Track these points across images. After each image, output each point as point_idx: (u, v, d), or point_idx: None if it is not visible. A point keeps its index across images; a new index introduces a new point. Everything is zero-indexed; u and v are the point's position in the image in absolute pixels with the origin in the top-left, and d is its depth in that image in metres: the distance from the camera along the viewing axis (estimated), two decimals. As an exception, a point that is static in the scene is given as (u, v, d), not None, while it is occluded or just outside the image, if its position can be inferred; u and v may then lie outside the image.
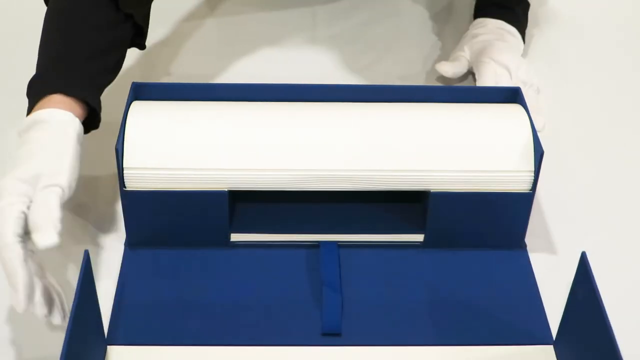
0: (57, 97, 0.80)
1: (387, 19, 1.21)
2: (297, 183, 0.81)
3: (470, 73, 1.04)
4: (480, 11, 1.12)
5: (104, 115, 1.01)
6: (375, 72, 1.11)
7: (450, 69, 1.05)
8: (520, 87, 0.90)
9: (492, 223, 0.85)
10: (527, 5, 1.13)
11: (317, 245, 0.85)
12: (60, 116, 0.80)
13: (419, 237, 0.87)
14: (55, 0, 0.88)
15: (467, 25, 1.14)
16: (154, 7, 0.94)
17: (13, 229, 0.72)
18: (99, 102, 0.85)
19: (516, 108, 0.87)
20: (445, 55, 1.13)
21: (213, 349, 0.76)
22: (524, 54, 1.10)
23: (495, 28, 1.08)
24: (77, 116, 0.81)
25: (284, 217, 0.88)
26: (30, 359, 0.76)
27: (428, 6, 1.24)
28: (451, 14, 1.23)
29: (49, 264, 0.84)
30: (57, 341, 0.66)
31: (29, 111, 0.82)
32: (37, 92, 0.82)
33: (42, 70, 0.84)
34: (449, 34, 1.18)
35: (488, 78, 0.99)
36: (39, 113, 0.79)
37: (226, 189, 0.81)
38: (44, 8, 0.90)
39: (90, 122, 0.84)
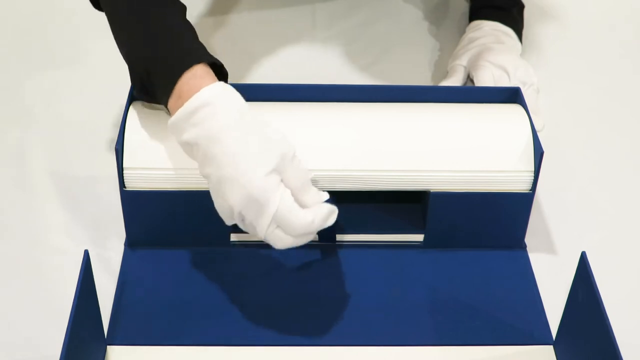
0: (195, 72, 0.75)
1: (386, 18, 1.21)
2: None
3: (470, 80, 1.04)
4: (476, 13, 1.12)
5: (104, 115, 1.01)
6: (375, 72, 1.11)
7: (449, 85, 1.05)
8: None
9: (492, 223, 0.85)
10: (523, 7, 1.13)
11: (317, 245, 0.85)
12: (222, 90, 0.75)
13: (419, 237, 0.87)
14: None
15: (465, 23, 1.14)
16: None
17: (299, 209, 0.72)
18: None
19: (516, 108, 0.87)
20: (445, 55, 1.13)
21: (213, 349, 0.76)
22: (521, 54, 1.10)
23: (491, 30, 1.08)
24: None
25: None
26: (30, 359, 0.76)
27: (426, 5, 1.24)
28: (450, 12, 1.23)
29: (49, 263, 0.84)
30: (57, 341, 0.66)
31: (167, 95, 0.76)
32: (166, 72, 0.76)
33: (158, 50, 0.78)
34: (448, 33, 1.18)
35: (486, 82, 0.99)
36: (202, 94, 0.73)
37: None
38: (42, 9, 0.89)
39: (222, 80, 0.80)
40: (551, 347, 0.78)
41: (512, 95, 0.89)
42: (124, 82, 0.87)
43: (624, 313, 0.78)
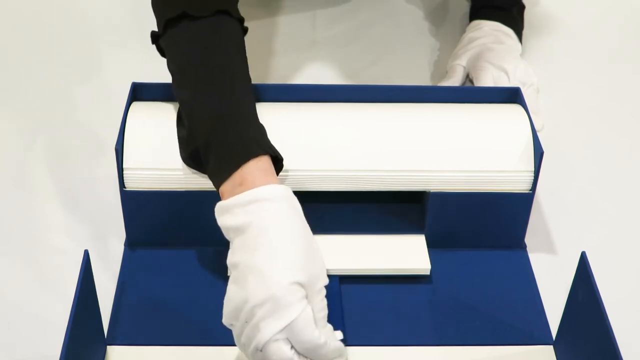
0: (260, 164, 0.74)
1: (386, 19, 1.21)
2: (296, 183, 0.81)
3: (469, 80, 1.04)
4: (476, 13, 1.12)
5: (103, 115, 1.01)
6: (374, 73, 1.11)
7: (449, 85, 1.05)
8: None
9: (492, 223, 0.85)
10: (523, 7, 1.13)
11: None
12: (285, 191, 0.73)
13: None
14: (190, 45, 0.81)
15: (465, 23, 1.14)
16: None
17: (318, 331, 0.69)
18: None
19: (516, 108, 0.87)
20: (445, 55, 1.13)
21: (213, 349, 0.76)
22: (521, 54, 1.10)
23: (491, 30, 1.08)
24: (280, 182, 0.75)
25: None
26: (30, 359, 0.76)
27: (426, 6, 1.24)
28: (450, 12, 1.23)
29: (49, 263, 0.84)
30: (57, 341, 0.66)
31: (223, 177, 0.74)
32: (231, 155, 0.74)
33: (225, 128, 0.76)
34: (448, 33, 1.18)
35: (486, 82, 0.99)
36: (265, 190, 0.72)
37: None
38: (42, 10, 0.89)
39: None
40: (551, 347, 0.78)
41: (512, 96, 0.89)
42: (124, 82, 0.87)
43: (624, 313, 0.78)
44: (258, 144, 0.75)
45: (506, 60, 1.01)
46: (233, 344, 0.75)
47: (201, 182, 0.81)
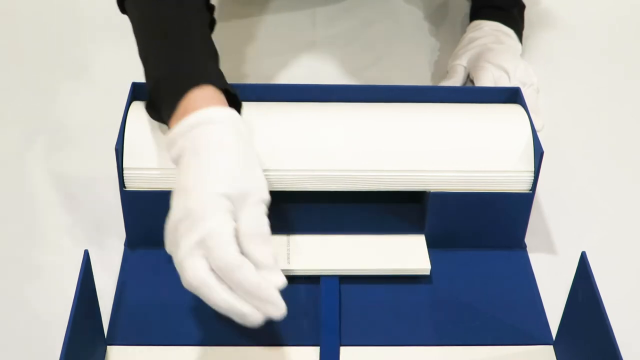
0: (204, 92, 0.72)
1: (386, 19, 1.21)
2: (296, 183, 0.81)
3: (470, 80, 1.04)
4: (476, 13, 1.12)
5: (103, 115, 1.01)
6: (374, 73, 1.11)
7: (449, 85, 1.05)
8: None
9: (492, 223, 0.85)
10: (523, 7, 1.13)
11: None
12: (228, 114, 0.71)
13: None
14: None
15: (466, 23, 1.14)
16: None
17: (236, 248, 0.63)
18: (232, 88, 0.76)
19: (516, 108, 0.87)
20: (445, 55, 1.13)
21: (213, 349, 0.76)
22: (521, 54, 1.10)
23: (491, 30, 1.08)
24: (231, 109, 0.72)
25: (284, 217, 0.87)
26: (30, 359, 0.76)
27: (427, 6, 1.24)
28: (450, 13, 1.23)
29: (49, 263, 0.84)
30: (57, 341, 0.66)
31: (171, 111, 0.73)
32: (175, 88, 0.73)
33: (171, 67, 0.75)
34: (448, 33, 1.18)
35: (486, 82, 0.99)
36: (206, 112, 0.70)
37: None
38: (42, 10, 0.89)
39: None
40: (551, 347, 0.78)
41: (512, 96, 0.89)
42: (124, 82, 0.87)
43: (624, 313, 0.78)
44: (202, 75, 0.73)
45: (506, 60, 1.01)
46: (233, 344, 0.76)
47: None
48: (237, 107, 0.76)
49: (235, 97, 0.76)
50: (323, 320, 0.78)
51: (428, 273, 0.83)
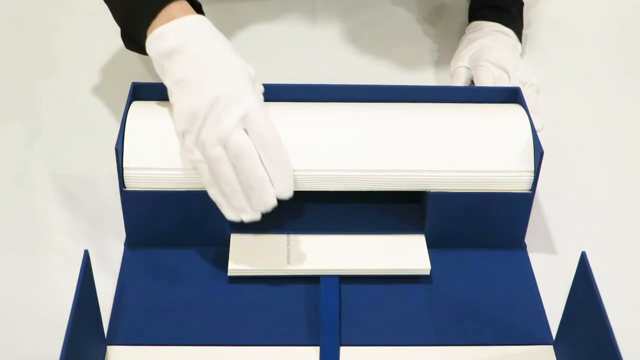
0: (181, 5, 0.80)
1: (386, 19, 1.21)
2: (296, 183, 0.81)
3: (470, 80, 1.04)
4: (475, 14, 1.12)
5: (103, 115, 1.01)
6: (374, 72, 1.11)
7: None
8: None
9: (492, 223, 0.85)
10: (522, 5, 1.13)
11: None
12: (206, 20, 0.81)
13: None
14: None
15: (465, 23, 1.14)
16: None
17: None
18: None
19: (516, 108, 0.87)
20: (445, 55, 1.13)
21: (213, 349, 0.76)
22: (521, 54, 1.10)
23: (491, 31, 1.08)
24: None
25: (284, 217, 0.87)
26: (30, 359, 0.76)
27: (426, 6, 1.24)
28: (449, 13, 1.22)
29: (49, 263, 0.84)
30: (57, 341, 0.66)
31: (147, 23, 0.80)
32: (151, 5, 0.80)
33: None
34: (447, 33, 1.18)
35: (486, 82, 0.99)
36: (193, 16, 0.80)
37: (226, 189, 0.81)
38: (44, 7, 0.89)
39: None
40: (551, 347, 0.78)
41: (512, 95, 0.89)
42: (124, 82, 0.87)
43: (624, 313, 0.78)
44: None
45: (506, 60, 1.01)
46: (233, 344, 0.76)
47: (201, 182, 0.81)
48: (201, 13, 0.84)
49: (200, 7, 0.85)
50: (323, 320, 0.78)
51: (428, 273, 0.83)
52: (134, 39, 0.84)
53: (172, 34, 0.79)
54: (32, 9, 1.20)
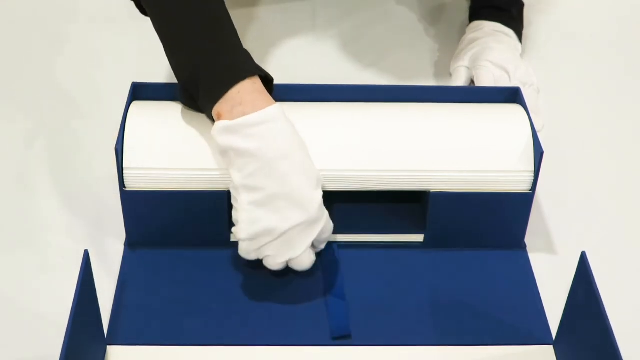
0: (254, 85, 0.77)
1: (386, 19, 1.21)
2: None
3: (470, 80, 1.04)
4: (476, 14, 1.12)
5: (103, 115, 1.01)
6: (374, 72, 1.11)
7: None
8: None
9: (492, 223, 0.85)
10: (522, 6, 1.13)
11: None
12: (281, 110, 0.77)
13: (419, 238, 0.87)
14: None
15: (465, 23, 1.14)
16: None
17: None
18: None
19: (516, 108, 0.87)
20: (445, 55, 1.13)
21: (213, 349, 0.76)
22: (521, 54, 1.10)
23: (491, 31, 1.08)
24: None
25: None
26: (30, 359, 0.76)
27: (426, 6, 1.24)
28: (450, 13, 1.22)
29: (49, 263, 0.84)
30: (57, 341, 0.66)
31: (215, 99, 0.76)
32: (221, 78, 0.77)
33: (210, 56, 0.78)
34: (448, 33, 1.18)
35: (487, 82, 0.99)
36: (269, 112, 0.76)
37: (226, 189, 0.81)
38: (46, 6, 0.89)
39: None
40: (551, 347, 0.78)
41: (512, 95, 0.89)
42: (124, 82, 0.87)
43: (624, 313, 0.78)
44: (249, 65, 0.78)
45: (507, 60, 1.01)
46: (233, 344, 0.76)
47: (201, 182, 0.81)
48: (271, 84, 0.81)
49: (271, 82, 0.81)
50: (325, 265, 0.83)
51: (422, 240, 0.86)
52: (192, 97, 0.80)
53: (243, 132, 0.75)
54: (32, 11, 1.20)
